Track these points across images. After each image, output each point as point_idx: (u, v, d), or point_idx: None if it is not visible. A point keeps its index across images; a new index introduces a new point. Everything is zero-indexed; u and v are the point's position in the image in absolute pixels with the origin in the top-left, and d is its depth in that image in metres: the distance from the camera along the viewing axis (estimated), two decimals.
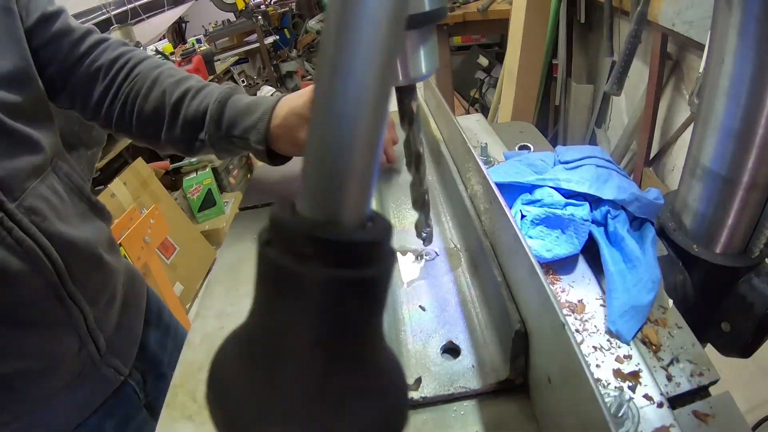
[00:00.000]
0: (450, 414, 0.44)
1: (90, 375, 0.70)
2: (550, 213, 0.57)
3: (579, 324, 0.50)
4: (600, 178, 0.61)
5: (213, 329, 0.59)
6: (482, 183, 0.55)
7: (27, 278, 0.59)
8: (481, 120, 0.97)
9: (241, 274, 0.68)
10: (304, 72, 5.74)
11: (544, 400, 0.40)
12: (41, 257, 0.60)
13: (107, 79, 0.73)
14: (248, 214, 0.82)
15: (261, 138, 0.70)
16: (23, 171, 0.60)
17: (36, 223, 0.60)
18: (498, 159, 0.79)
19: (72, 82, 0.72)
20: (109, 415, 0.74)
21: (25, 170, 0.61)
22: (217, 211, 2.98)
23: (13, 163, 0.59)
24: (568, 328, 0.33)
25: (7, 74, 0.60)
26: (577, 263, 0.57)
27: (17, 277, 0.58)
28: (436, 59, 0.42)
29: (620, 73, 1.58)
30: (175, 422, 0.49)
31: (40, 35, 0.67)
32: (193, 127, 0.73)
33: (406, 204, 0.72)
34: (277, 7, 5.54)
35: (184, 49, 3.44)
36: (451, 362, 0.47)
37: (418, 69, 0.41)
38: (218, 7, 5.00)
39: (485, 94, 3.10)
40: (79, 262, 0.65)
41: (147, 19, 3.89)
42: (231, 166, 3.32)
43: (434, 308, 0.53)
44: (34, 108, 0.65)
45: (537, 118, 2.44)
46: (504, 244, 0.48)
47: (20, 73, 0.62)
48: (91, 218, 0.72)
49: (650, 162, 1.74)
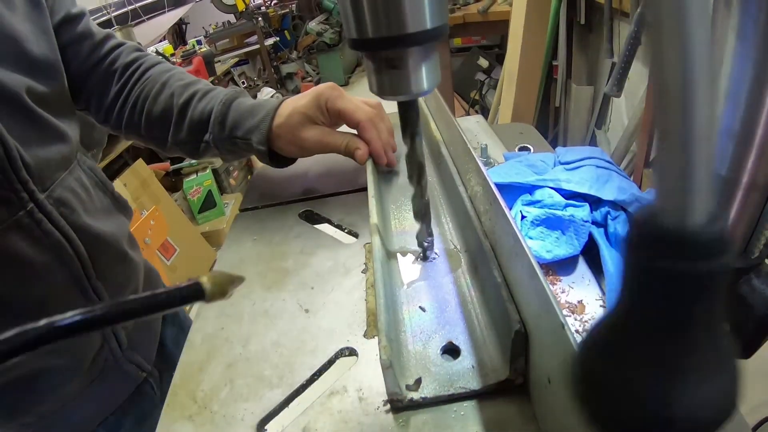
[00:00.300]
0: (450, 414, 0.44)
1: (112, 372, 0.70)
2: (550, 214, 0.58)
3: (579, 325, 0.50)
4: (600, 178, 0.61)
5: (213, 329, 0.59)
6: (482, 184, 0.55)
7: (53, 272, 0.59)
8: (481, 121, 0.97)
9: (241, 275, 0.68)
10: (305, 73, 5.75)
11: (544, 400, 0.40)
12: (68, 250, 0.60)
13: (120, 82, 0.75)
14: (248, 216, 0.82)
15: (263, 138, 0.71)
16: (53, 161, 0.60)
17: (64, 215, 0.60)
18: (498, 160, 0.79)
19: (89, 84, 0.74)
20: (128, 413, 0.74)
21: (55, 160, 0.61)
22: (217, 212, 2.98)
23: (44, 152, 0.59)
24: (568, 328, 0.33)
25: (36, 61, 0.60)
26: (577, 264, 0.57)
27: (44, 271, 0.58)
28: (437, 74, 0.43)
29: (620, 75, 1.58)
30: (175, 422, 0.49)
31: (64, 35, 0.68)
32: (198, 128, 0.74)
33: (406, 205, 0.72)
34: (278, 8, 5.55)
35: (184, 50, 3.45)
36: (451, 363, 0.47)
37: (420, 85, 0.42)
38: (218, 8, 5.01)
39: (485, 95, 3.11)
40: (104, 256, 0.66)
41: (147, 21, 3.91)
42: (231, 168, 3.32)
43: (434, 309, 0.53)
44: (61, 100, 0.65)
45: (537, 119, 2.44)
46: (504, 245, 0.48)
47: (49, 64, 0.63)
48: (114, 213, 0.73)
49: (650, 163, 1.74)
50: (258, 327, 0.58)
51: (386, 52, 0.40)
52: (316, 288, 0.62)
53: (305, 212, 0.79)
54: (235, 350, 0.55)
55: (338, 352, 0.53)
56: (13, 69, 0.57)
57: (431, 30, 0.38)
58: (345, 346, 0.53)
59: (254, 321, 0.59)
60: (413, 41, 0.38)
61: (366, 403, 0.46)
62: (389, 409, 0.45)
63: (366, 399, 0.46)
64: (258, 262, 0.70)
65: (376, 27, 0.38)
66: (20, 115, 0.57)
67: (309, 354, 0.53)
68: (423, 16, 0.37)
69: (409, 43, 0.38)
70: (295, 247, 0.71)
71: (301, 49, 5.89)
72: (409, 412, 0.44)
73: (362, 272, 0.63)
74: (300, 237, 0.73)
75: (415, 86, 0.42)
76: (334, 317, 0.57)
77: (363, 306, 0.58)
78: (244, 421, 0.47)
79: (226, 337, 0.58)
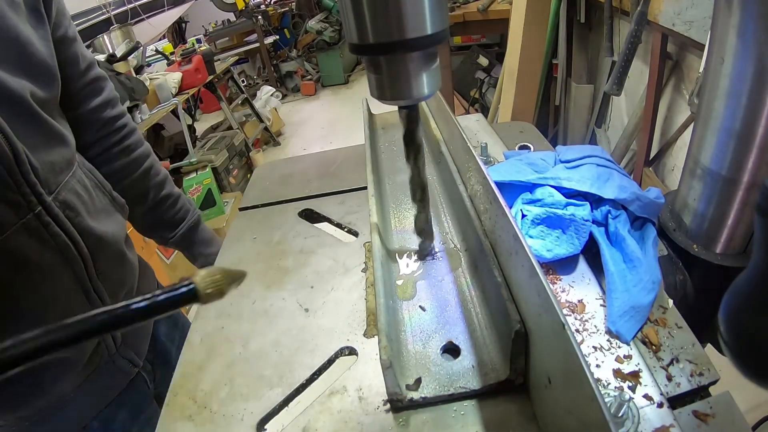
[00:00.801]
0: (450, 414, 0.44)
1: (106, 367, 0.72)
2: (550, 213, 0.57)
3: (579, 324, 0.50)
4: (601, 177, 0.61)
5: (213, 329, 0.59)
6: (482, 183, 0.55)
7: (59, 273, 0.60)
8: (481, 120, 0.97)
9: (242, 270, 0.68)
10: (304, 72, 5.74)
11: (544, 400, 0.40)
12: (73, 252, 0.61)
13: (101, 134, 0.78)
14: (248, 214, 0.82)
15: None
16: (57, 164, 0.61)
17: (70, 218, 0.61)
18: (498, 159, 0.79)
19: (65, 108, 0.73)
20: (121, 407, 0.76)
21: (59, 163, 0.62)
22: (217, 210, 2.98)
23: (49, 156, 0.60)
24: (568, 328, 0.33)
25: (38, 65, 0.61)
26: (577, 263, 0.57)
27: (50, 272, 0.59)
28: (438, 79, 0.43)
29: (620, 73, 1.58)
30: (175, 422, 0.49)
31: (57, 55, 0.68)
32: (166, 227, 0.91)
33: (406, 204, 0.72)
34: (277, 7, 5.54)
35: (184, 48, 3.44)
36: (451, 362, 0.47)
37: (420, 90, 0.42)
38: (218, 7, 5.00)
39: (485, 93, 3.10)
40: (105, 257, 0.67)
41: (147, 19, 3.90)
42: (231, 166, 3.32)
43: (434, 308, 0.53)
44: (56, 105, 0.67)
45: (537, 118, 2.44)
46: (504, 244, 0.48)
47: (49, 69, 0.63)
48: (113, 213, 0.74)
49: (650, 162, 1.74)
50: (258, 326, 0.58)
51: (387, 57, 0.40)
52: (316, 287, 0.62)
53: (305, 211, 0.79)
54: (235, 350, 0.55)
55: (338, 352, 0.53)
56: (18, 72, 0.57)
57: (432, 35, 0.38)
58: (345, 345, 0.53)
59: (254, 320, 0.59)
60: (414, 46, 0.38)
61: (366, 403, 0.46)
62: (389, 408, 0.45)
63: (366, 398, 0.46)
64: (258, 260, 0.70)
65: (377, 32, 0.38)
66: (26, 119, 0.57)
67: (309, 353, 0.53)
68: (423, 21, 0.37)
69: (410, 48, 0.38)
70: (295, 246, 0.71)
71: (301, 48, 5.88)
72: (409, 411, 0.44)
73: (362, 271, 0.63)
74: (300, 236, 0.73)
75: (415, 91, 0.42)
76: (334, 316, 0.57)
77: (363, 305, 0.58)
78: (243, 420, 0.47)
79: (225, 336, 0.58)
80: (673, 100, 1.64)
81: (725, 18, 0.47)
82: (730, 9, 0.46)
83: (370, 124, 0.88)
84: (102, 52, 2.87)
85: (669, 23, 1.38)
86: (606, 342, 0.47)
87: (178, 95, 3.03)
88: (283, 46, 5.62)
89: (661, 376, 0.44)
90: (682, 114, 1.59)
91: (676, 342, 0.47)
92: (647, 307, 0.49)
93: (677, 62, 1.58)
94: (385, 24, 0.37)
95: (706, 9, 1.21)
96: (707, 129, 0.53)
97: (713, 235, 0.57)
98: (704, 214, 0.57)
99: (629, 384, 0.43)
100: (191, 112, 3.68)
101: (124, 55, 2.71)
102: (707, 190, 0.55)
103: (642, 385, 0.42)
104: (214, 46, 4.82)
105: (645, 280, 0.51)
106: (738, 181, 0.52)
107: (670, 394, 0.43)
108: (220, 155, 3.18)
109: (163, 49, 3.50)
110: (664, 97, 1.66)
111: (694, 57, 1.48)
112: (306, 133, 4.53)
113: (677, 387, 0.43)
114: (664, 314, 0.50)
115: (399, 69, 0.41)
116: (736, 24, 0.46)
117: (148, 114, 2.70)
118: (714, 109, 0.51)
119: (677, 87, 1.61)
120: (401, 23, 0.37)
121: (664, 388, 0.43)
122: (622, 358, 0.45)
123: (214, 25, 5.10)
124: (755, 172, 0.51)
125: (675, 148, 1.66)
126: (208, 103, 5.03)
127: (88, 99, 0.75)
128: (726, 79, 0.49)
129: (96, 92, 0.76)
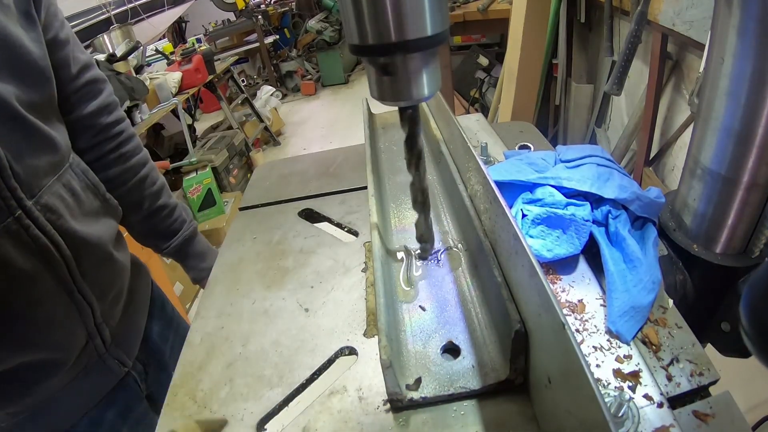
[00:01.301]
0: (450, 414, 0.44)
1: (95, 367, 0.72)
2: (551, 213, 0.57)
3: (579, 324, 0.50)
4: (601, 177, 0.61)
5: (213, 329, 0.59)
6: (482, 183, 0.55)
7: (41, 275, 0.60)
8: (481, 120, 0.97)
9: (240, 273, 0.68)
10: (304, 71, 5.74)
11: (544, 400, 0.40)
12: (54, 255, 0.61)
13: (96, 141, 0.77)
14: (248, 214, 0.82)
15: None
16: (41, 169, 0.61)
17: (51, 221, 0.61)
18: (498, 159, 0.79)
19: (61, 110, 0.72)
20: (111, 406, 0.76)
21: (44, 168, 0.62)
22: (217, 210, 2.98)
23: (33, 160, 0.60)
24: (568, 328, 0.33)
25: (28, 67, 0.61)
26: (577, 263, 0.57)
27: (32, 275, 0.59)
28: (438, 80, 0.43)
29: (620, 73, 1.58)
30: (175, 422, 0.49)
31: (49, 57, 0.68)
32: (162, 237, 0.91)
33: (406, 204, 0.72)
34: (277, 6, 5.54)
35: (184, 48, 3.44)
36: (451, 362, 0.47)
37: (420, 91, 0.42)
38: (218, 6, 5.00)
39: (485, 93, 3.10)
40: (89, 259, 0.67)
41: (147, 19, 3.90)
42: (231, 166, 3.32)
43: (434, 308, 0.53)
44: (51, 106, 0.66)
45: (537, 117, 2.44)
46: (504, 244, 0.48)
47: (40, 70, 0.63)
48: (103, 215, 0.73)
49: (650, 162, 1.74)
50: (258, 326, 0.58)
51: (387, 59, 0.40)
52: (316, 287, 0.62)
53: (305, 211, 0.79)
54: (235, 349, 0.55)
55: (338, 352, 0.53)
56: (4, 75, 0.57)
57: (432, 36, 0.38)
58: (345, 345, 0.53)
59: (254, 320, 0.59)
60: (414, 48, 0.38)
61: (366, 403, 0.46)
62: (389, 408, 0.45)
63: (366, 398, 0.46)
64: (258, 260, 0.70)
65: (377, 33, 0.38)
66: (10, 123, 0.57)
67: (309, 353, 0.53)
68: (423, 23, 0.37)
69: (410, 49, 0.38)
70: (295, 246, 0.71)
71: (301, 48, 5.88)
72: (409, 411, 0.44)
73: (362, 271, 0.63)
74: (300, 236, 0.73)
75: (415, 92, 0.42)
76: (334, 316, 0.57)
77: (363, 305, 0.58)
78: (243, 420, 0.47)
79: (225, 336, 0.58)
80: (673, 100, 1.65)
81: (725, 18, 0.47)
82: (730, 9, 0.46)
83: (370, 124, 0.88)
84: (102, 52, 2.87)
85: (669, 23, 1.38)
86: (606, 342, 0.47)
87: (178, 95, 3.03)
88: (283, 45, 5.62)
89: (661, 376, 0.44)
90: (682, 114, 1.59)
91: (676, 342, 0.47)
92: (647, 307, 0.49)
93: (677, 62, 1.58)
94: (385, 25, 0.37)
95: (706, 9, 1.21)
96: (707, 129, 0.53)
97: (713, 235, 0.57)
98: (704, 214, 0.57)
99: (629, 384, 0.43)
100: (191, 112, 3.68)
101: (124, 55, 2.71)
102: (707, 190, 0.55)
103: (642, 385, 0.42)
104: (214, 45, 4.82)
105: (645, 280, 0.51)
106: (738, 181, 0.52)
107: (670, 394, 0.43)
108: (220, 155, 3.18)
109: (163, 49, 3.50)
110: (664, 97, 1.66)
111: (694, 57, 1.48)
112: (306, 133, 4.53)
113: (677, 387, 0.43)
114: (664, 314, 0.50)
115: (399, 70, 0.41)
116: (736, 24, 0.46)
117: (148, 114, 2.70)
118: (714, 109, 0.51)
119: (677, 87, 1.61)
120: (401, 24, 0.37)
121: (664, 388, 0.43)
122: (622, 358, 0.45)
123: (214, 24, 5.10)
124: (755, 172, 0.51)
125: (675, 148, 1.66)
126: (208, 102, 5.04)
127: (82, 103, 0.74)
128: (726, 79, 0.49)
129: (91, 96, 0.75)
